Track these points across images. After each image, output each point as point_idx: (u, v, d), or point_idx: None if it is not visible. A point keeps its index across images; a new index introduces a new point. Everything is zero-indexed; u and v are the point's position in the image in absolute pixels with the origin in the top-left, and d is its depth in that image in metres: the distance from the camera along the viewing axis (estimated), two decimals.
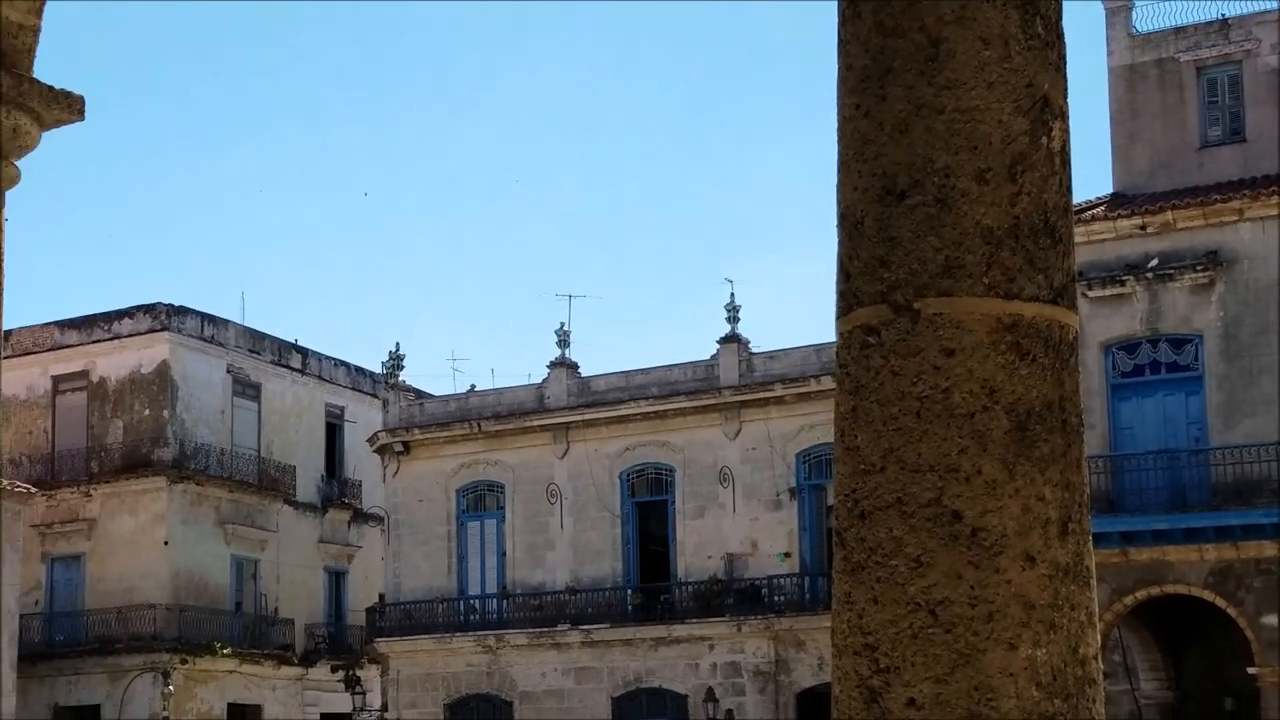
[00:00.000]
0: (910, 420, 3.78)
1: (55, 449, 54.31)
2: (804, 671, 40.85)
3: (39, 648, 51.56)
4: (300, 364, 58.86)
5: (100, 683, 51.86)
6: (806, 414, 41.05)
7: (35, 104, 6.23)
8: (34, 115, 6.24)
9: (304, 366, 58.99)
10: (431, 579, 46.76)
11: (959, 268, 3.81)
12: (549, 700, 44.23)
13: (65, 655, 52.14)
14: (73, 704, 52.38)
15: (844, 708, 3.74)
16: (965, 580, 3.63)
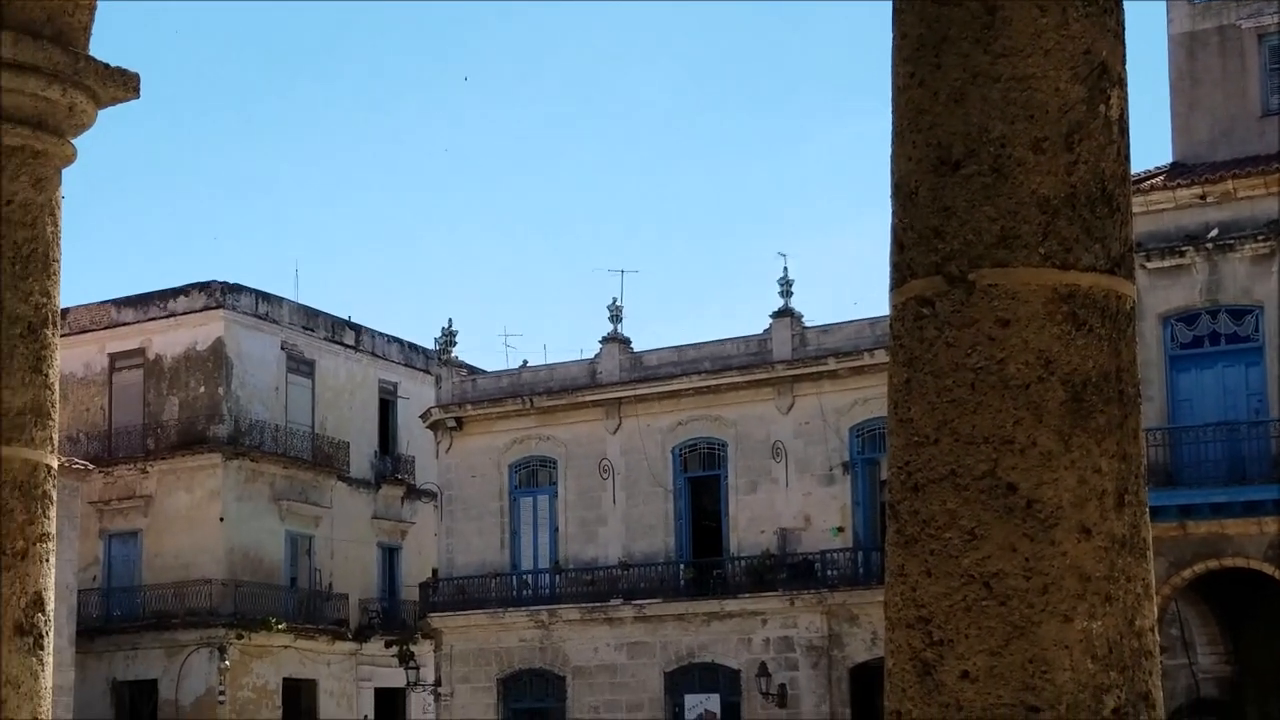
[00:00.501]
0: (964, 392, 3.76)
1: (112, 426, 54.70)
2: (857, 646, 40.79)
3: (97, 623, 51.96)
4: (354, 341, 59.08)
5: (157, 658, 52.27)
6: (860, 388, 40.92)
7: (91, 82, 6.26)
8: (90, 93, 6.26)
9: (357, 343, 59.21)
10: (484, 554, 46.89)
11: (1015, 238, 3.78)
12: (601, 675, 44.34)
13: (123, 630, 52.54)
14: (130, 678, 52.81)
15: (897, 681, 3.73)
16: (1020, 553, 3.61)
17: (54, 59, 6.04)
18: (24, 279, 5.90)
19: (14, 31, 5.92)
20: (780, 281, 44.55)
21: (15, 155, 5.95)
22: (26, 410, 5.82)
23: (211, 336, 53.68)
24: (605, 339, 46.49)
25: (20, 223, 5.93)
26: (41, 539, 5.81)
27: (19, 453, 5.76)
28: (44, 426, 5.89)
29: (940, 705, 3.61)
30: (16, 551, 5.70)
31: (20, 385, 5.81)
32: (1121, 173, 3.90)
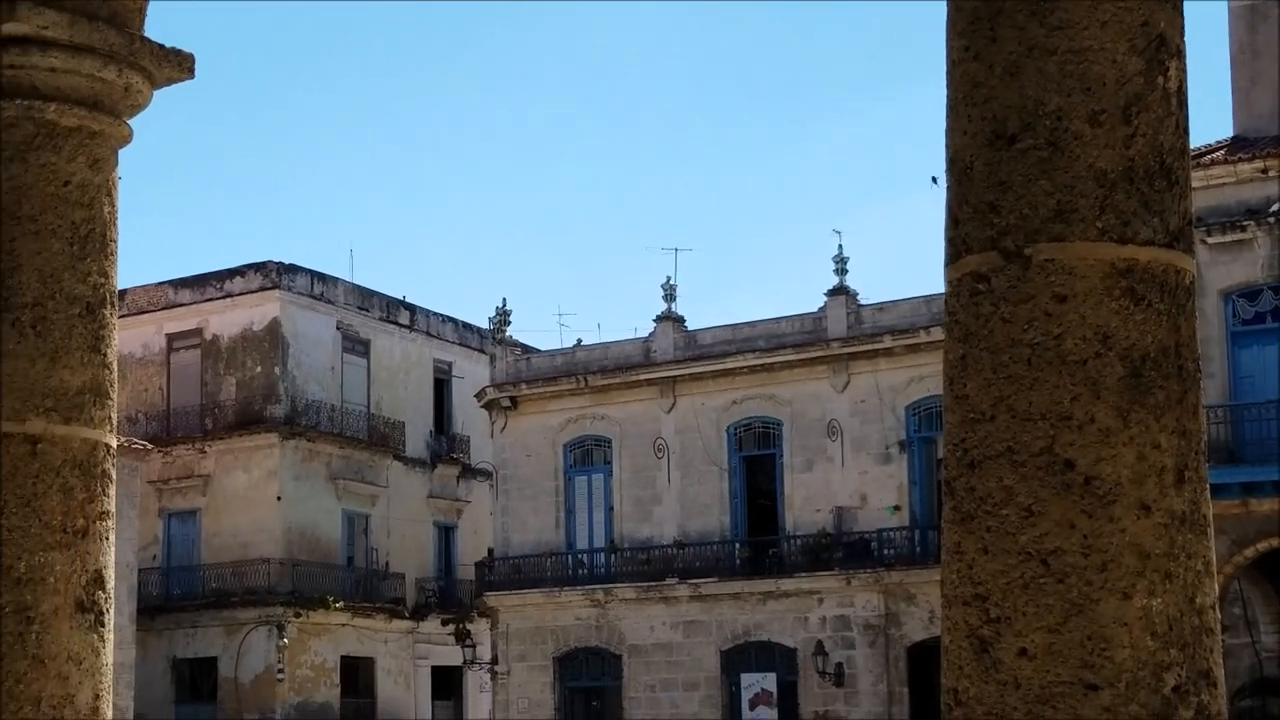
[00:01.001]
0: (1021, 368, 3.73)
1: (170, 406, 55.05)
2: (915, 625, 40.69)
3: (157, 601, 52.34)
4: (408, 320, 59.27)
5: (217, 635, 52.62)
6: (916, 366, 40.75)
7: (147, 62, 6.28)
8: (145, 74, 6.28)
9: (412, 323, 59.39)
10: (540, 533, 46.99)
11: (1071, 212, 3.75)
12: (657, 653, 44.39)
13: (182, 609, 52.91)
14: (190, 656, 53.20)
15: (954, 658, 3.71)
16: (1078, 529, 3.59)
17: (109, 40, 6.06)
18: (82, 259, 5.94)
19: (70, 13, 5.95)
20: (835, 259, 44.43)
21: (72, 136, 5.98)
22: (85, 390, 5.86)
23: (268, 317, 53.94)
24: (659, 317, 46.45)
25: (78, 203, 5.96)
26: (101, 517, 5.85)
27: (78, 432, 5.81)
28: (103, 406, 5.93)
29: (997, 683, 3.59)
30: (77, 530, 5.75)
31: (79, 365, 5.85)
32: (1180, 145, 3.86)
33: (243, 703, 51.61)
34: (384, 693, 55.67)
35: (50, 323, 5.80)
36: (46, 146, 5.93)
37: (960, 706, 3.66)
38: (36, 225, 5.86)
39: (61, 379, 5.78)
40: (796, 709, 42.30)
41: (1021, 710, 3.54)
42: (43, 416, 5.72)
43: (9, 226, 5.84)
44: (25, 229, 5.84)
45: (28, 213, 5.85)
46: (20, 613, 5.54)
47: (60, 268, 5.87)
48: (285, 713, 51.13)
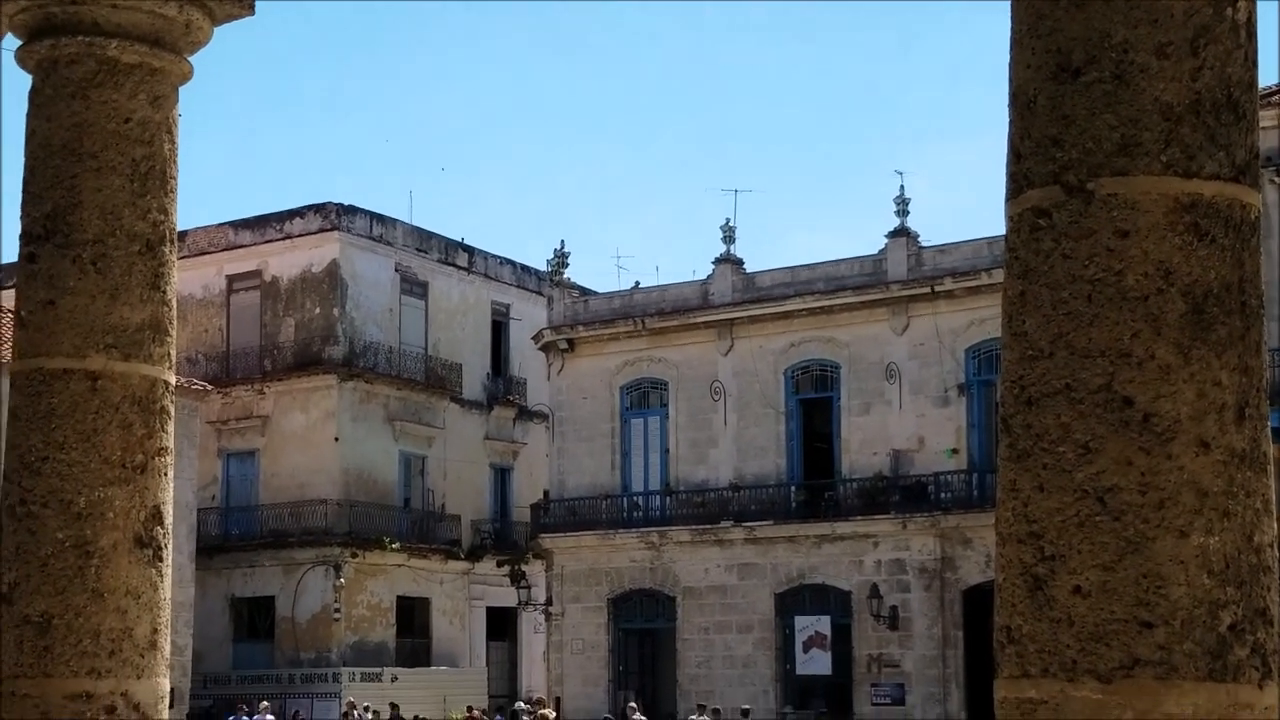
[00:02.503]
0: (1081, 304, 3.70)
1: (230, 347, 55.29)
2: (971, 569, 40.60)
3: (216, 541, 52.71)
4: (466, 262, 59.29)
5: (274, 575, 52.98)
6: (976, 308, 40.49)
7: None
8: (205, 9, 6.27)
9: (470, 265, 59.41)
10: (595, 476, 47.09)
11: (1135, 146, 3.71)
12: (712, 596, 44.48)
13: (241, 548, 53.26)
14: (248, 595, 53.59)
15: (1007, 596, 3.70)
16: (1135, 467, 3.56)
17: None
18: (142, 196, 5.95)
19: None
20: (896, 200, 44.18)
21: (133, 73, 5.99)
22: (145, 326, 5.88)
23: (327, 258, 54.05)
24: (718, 259, 46.34)
25: (138, 140, 5.97)
26: (160, 453, 5.88)
27: (137, 369, 5.83)
28: (162, 343, 5.95)
29: (1051, 620, 3.58)
30: (136, 465, 5.78)
31: (139, 302, 5.87)
32: (1248, 79, 3.81)
33: (300, 641, 52.03)
34: (439, 633, 56.01)
35: (110, 259, 5.82)
36: (107, 83, 5.93)
37: (1013, 644, 3.65)
38: (97, 162, 5.87)
39: (121, 316, 5.80)
40: (851, 652, 42.35)
41: (1075, 648, 3.52)
42: (103, 353, 5.74)
43: (70, 163, 5.85)
44: (86, 165, 5.86)
45: (89, 149, 5.86)
46: (80, 547, 5.59)
47: (120, 204, 5.88)
48: (341, 652, 51.52)
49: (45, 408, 5.66)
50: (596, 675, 46.06)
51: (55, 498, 5.60)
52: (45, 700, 5.42)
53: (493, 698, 51.94)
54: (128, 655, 5.57)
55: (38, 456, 5.64)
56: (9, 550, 5.61)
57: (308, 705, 47.61)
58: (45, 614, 5.49)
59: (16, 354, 5.81)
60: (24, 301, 5.82)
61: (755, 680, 43.46)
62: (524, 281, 61.07)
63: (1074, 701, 3.49)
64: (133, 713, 5.56)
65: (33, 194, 5.89)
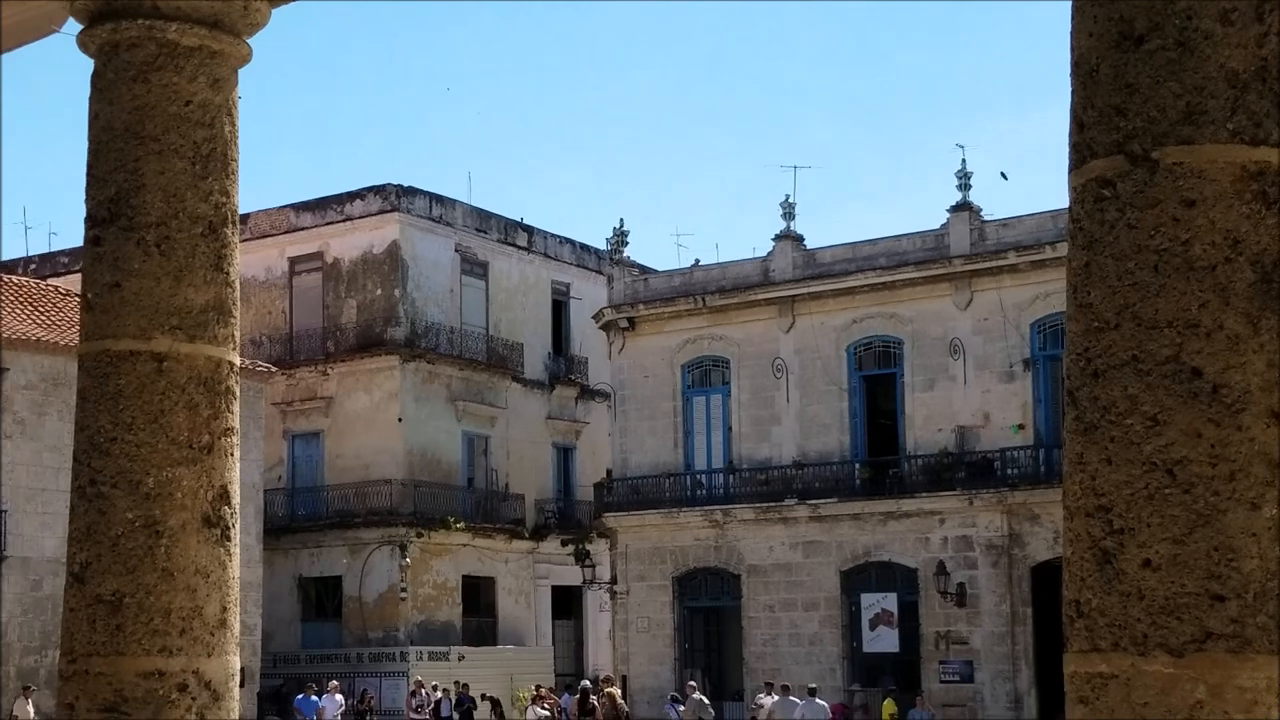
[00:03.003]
0: (1147, 274, 3.67)
1: (293, 329, 55.62)
2: (1038, 545, 40.38)
3: (283, 521, 53.06)
4: (526, 242, 59.39)
5: (340, 555, 53.29)
6: (1042, 282, 40.21)
7: None
8: None
9: (530, 244, 59.51)
10: (658, 454, 47.11)
11: (1201, 114, 3.68)
12: (776, 574, 44.45)
13: (307, 529, 53.62)
14: (315, 575, 53.96)
15: (1076, 570, 3.67)
16: (1205, 438, 3.53)
17: None
18: (204, 178, 5.98)
19: None
20: (958, 174, 43.94)
21: (193, 56, 6.01)
22: (209, 308, 5.91)
23: (387, 239, 54.25)
24: (778, 236, 46.23)
25: (199, 123, 6.00)
26: (226, 433, 5.92)
27: (202, 349, 5.86)
28: (226, 324, 5.98)
29: (1120, 594, 3.55)
30: (202, 446, 5.82)
31: (202, 283, 5.90)
32: None
33: (367, 621, 52.36)
34: (505, 612, 56.24)
35: (174, 242, 5.85)
36: (168, 66, 5.96)
37: (1082, 618, 3.62)
38: (159, 145, 5.90)
39: (186, 297, 5.83)
40: (918, 629, 42.26)
41: (1145, 621, 3.50)
42: (168, 334, 5.78)
43: (132, 146, 5.88)
44: (149, 149, 5.89)
45: (151, 132, 5.89)
46: (149, 527, 5.63)
47: (183, 187, 5.91)
48: (408, 631, 51.82)
49: (113, 389, 5.71)
50: (662, 653, 46.14)
51: (124, 478, 5.65)
52: (118, 678, 5.49)
53: (559, 676, 52.12)
54: (198, 633, 5.63)
55: (106, 438, 5.69)
56: (80, 530, 5.68)
57: (376, 684, 47.93)
58: (117, 593, 5.55)
59: (84, 336, 5.87)
60: (90, 284, 5.87)
61: (822, 658, 43.43)
62: (584, 260, 61.13)
63: (1145, 675, 3.47)
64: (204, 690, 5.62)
65: (96, 177, 5.94)
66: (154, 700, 5.46)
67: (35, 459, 41.83)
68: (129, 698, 5.45)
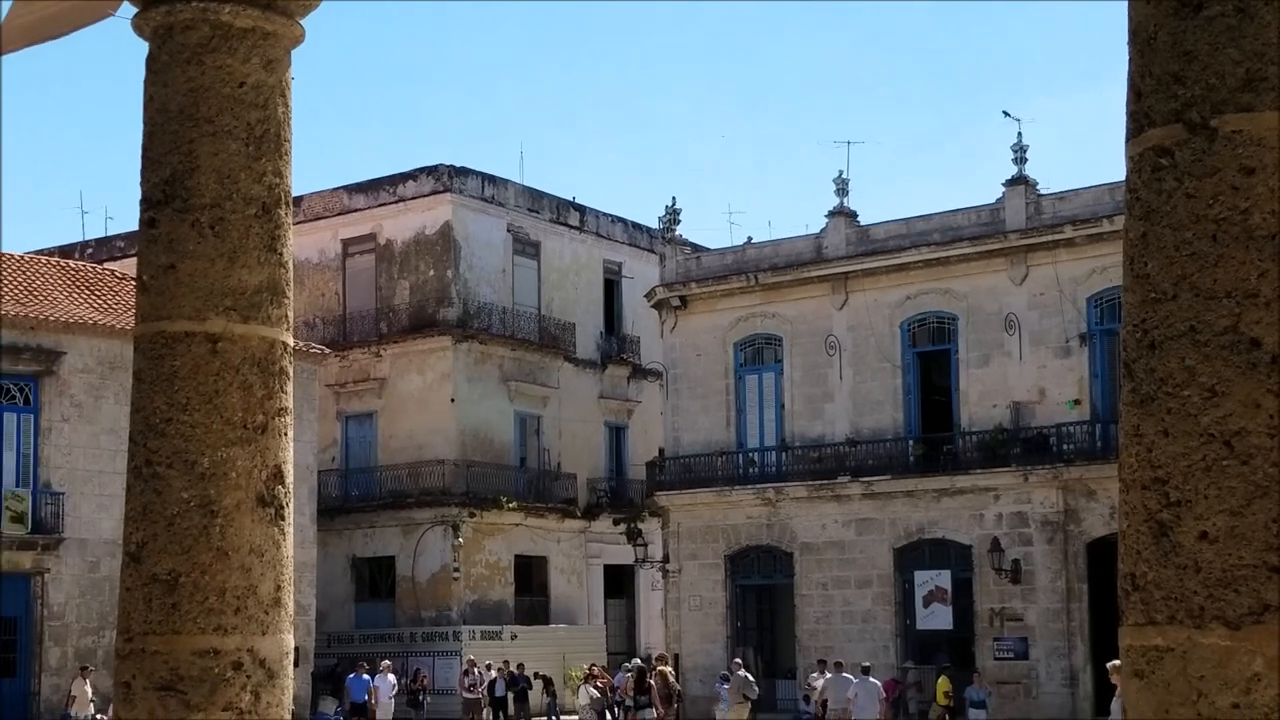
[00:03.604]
0: (1205, 244, 3.65)
1: (346, 311, 55.85)
2: (1094, 521, 40.19)
3: (336, 502, 53.35)
4: (578, 221, 59.43)
5: (394, 535, 53.55)
6: (1098, 256, 39.96)
7: None
8: None
9: (582, 224, 59.55)
10: (710, 433, 47.09)
11: (1261, 80, 3.64)
12: (829, 551, 44.40)
13: (361, 509, 53.89)
14: (369, 555, 54.23)
15: (1131, 543, 3.65)
16: (1264, 409, 3.50)
17: None
18: (257, 159, 6.00)
19: None
20: (1014, 147, 43.67)
21: (246, 37, 6.03)
22: (263, 289, 5.94)
23: (440, 220, 54.38)
24: (831, 213, 46.10)
25: (253, 104, 6.02)
26: (280, 413, 5.94)
27: (256, 330, 5.89)
28: (279, 305, 6.00)
29: (1177, 567, 3.53)
30: (256, 426, 5.85)
31: (256, 264, 5.92)
32: None
33: (420, 600, 52.59)
34: (557, 590, 56.41)
35: (228, 223, 5.88)
36: (221, 48, 5.98)
37: (1138, 591, 3.61)
38: (213, 126, 5.92)
39: (240, 278, 5.86)
40: (972, 606, 42.15)
41: (1202, 594, 3.48)
42: (222, 315, 5.81)
43: (187, 128, 5.91)
44: (203, 130, 5.91)
45: (205, 114, 5.92)
46: (204, 507, 5.67)
47: (237, 168, 5.93)
48: (461, 610, 52.04)
49: (168, 370, 5.75)
50: (714, 632, 46.18)
51: (179, 458, 5.69)
52: (174, 656, 5.53)
53: (611, 655, 52.23)
54: (253, 612, 5.67)
55: (161, 418, 5.72)
56: (136, 510, 5.71)
57: (429, 664, 48.13)
58: (172, 572, 5.59)
59: (139, 318, 5.90)
60: (145, 266, 5.91)
61: (875, 635, 43.39)
62: (636, 239, 61.12)
63: (1201, 648, 3.45)
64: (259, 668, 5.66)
65: (151, 159, 5.97)
66: (209, 678, 5.51)
67: (92, 442, 42.23)
68: (184, 676, 5.49)
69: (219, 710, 5.50)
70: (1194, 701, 3.45)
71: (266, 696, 5.64)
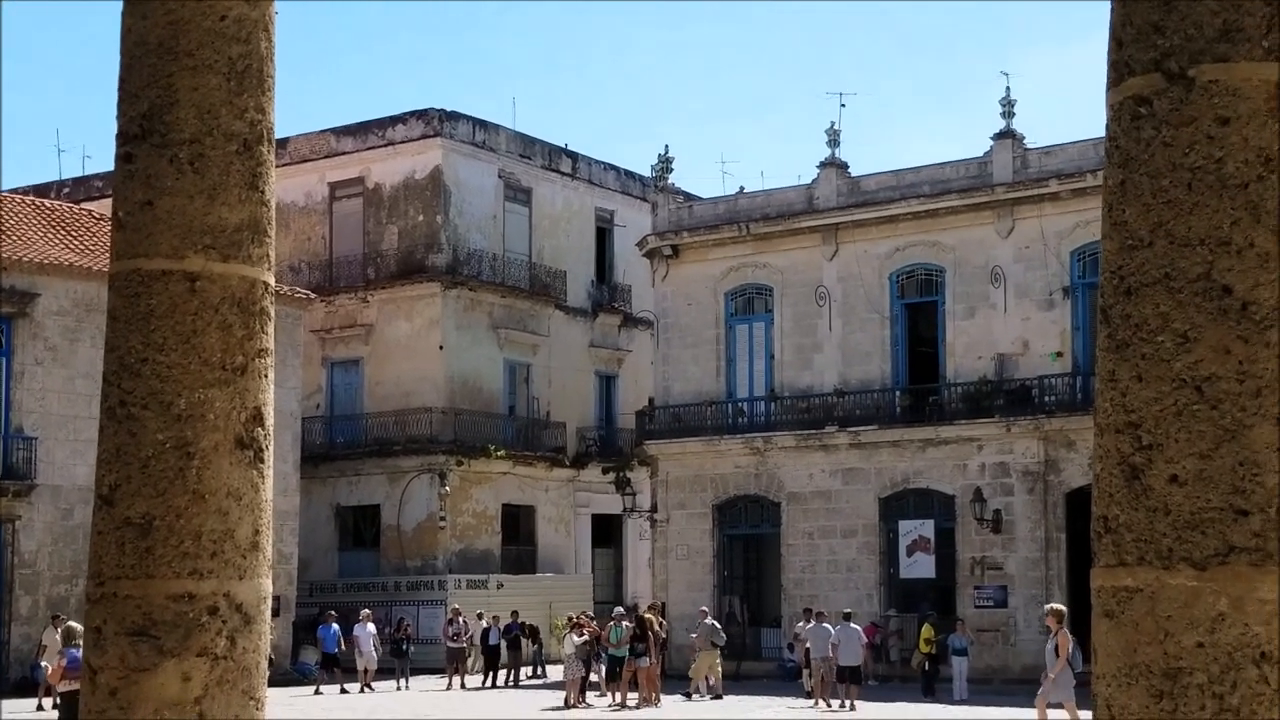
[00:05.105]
0: (1181, 192, 3.66)
1: (333, 255, 55.58)
2: (1074, 471, 40.43)
3: (320, 449, 53.14)
4: (570, 168, 59.22)
5: (379, 483, 53.41)
6: (1082, 210, 40.05)
7: None
8: None
9: (574, 171, 59.34)
10: (700, 382, 47.14)
11: (1237, 31, 3.65)
12: (816, 501, 44.54)
13: (346, 457, 53.72)
14: (353, 503, 54.10)
15: (1105, 486, 3.68)
16: (1234, 355, 3.53)
17: None
18: (239, 95, 5.89)
19: None
20: (1002, 102, 43.70)
21: None
22: (244, 227, 5.84)
23: (430, 165, 54.13)
24: (823, 164, 46.08)
25: (234, 38, 5.91)
26: (260, 354, 5.85)
27: (236, 269, 5.79)
28: (260, 244, 5.91)
29: (1147, 509, 3.56)
30: (236, 367, 5.75)
31: (237, 202, 5.83)
32: None
33: (405, 549, 52.55)
34: (544, 540, 56.46)
35: (208, 159, 5.78)
36: None
37: (1110, 533, 3.63)
38: (193, 60, 5.82)
39: (219, 216, 5.77)
40: (954, 555, 42.41)
41: (1170, 536, 3.51)
42: (201, 254, 5.72)
43: (166, 62, 5.81)
44: (182, 64, 5.81)
45: (184, 48, 5.81)
46: (181, 448, 5.58)
47: (217, 103, 5.83)
48: (447, 559, 52.03)
49: (144, 309, 5.65)
50: (701, 580, 46.34)
51: (155, 399, 5.59)
52: (148, 601, 5.45)
53: (598, 604, 52.39)
54: (230, 556, 5.58)
55: (137, 358, 5.63)
56: (109, 452, 5.62)
57: (413, 613, 48.11)
58: (146, 515, 5.50)
59: (115, 255, 5.80)
60: (121, 202, 5.80)
61: (859, 584, 43.60)
62: (628, 188, 60.94)
63: (1169, 589, 3.49)
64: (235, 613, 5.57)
65: (129, 93, 5.86)
66: (184, 623, 5.43)
67: (67, 386, 41.43)
68: (158, 621, 5.42)
69: (193, 655, 5.42)
70: (1161, 640, 3.49)
71: (243, 642, 5.57)
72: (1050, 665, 25.49)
